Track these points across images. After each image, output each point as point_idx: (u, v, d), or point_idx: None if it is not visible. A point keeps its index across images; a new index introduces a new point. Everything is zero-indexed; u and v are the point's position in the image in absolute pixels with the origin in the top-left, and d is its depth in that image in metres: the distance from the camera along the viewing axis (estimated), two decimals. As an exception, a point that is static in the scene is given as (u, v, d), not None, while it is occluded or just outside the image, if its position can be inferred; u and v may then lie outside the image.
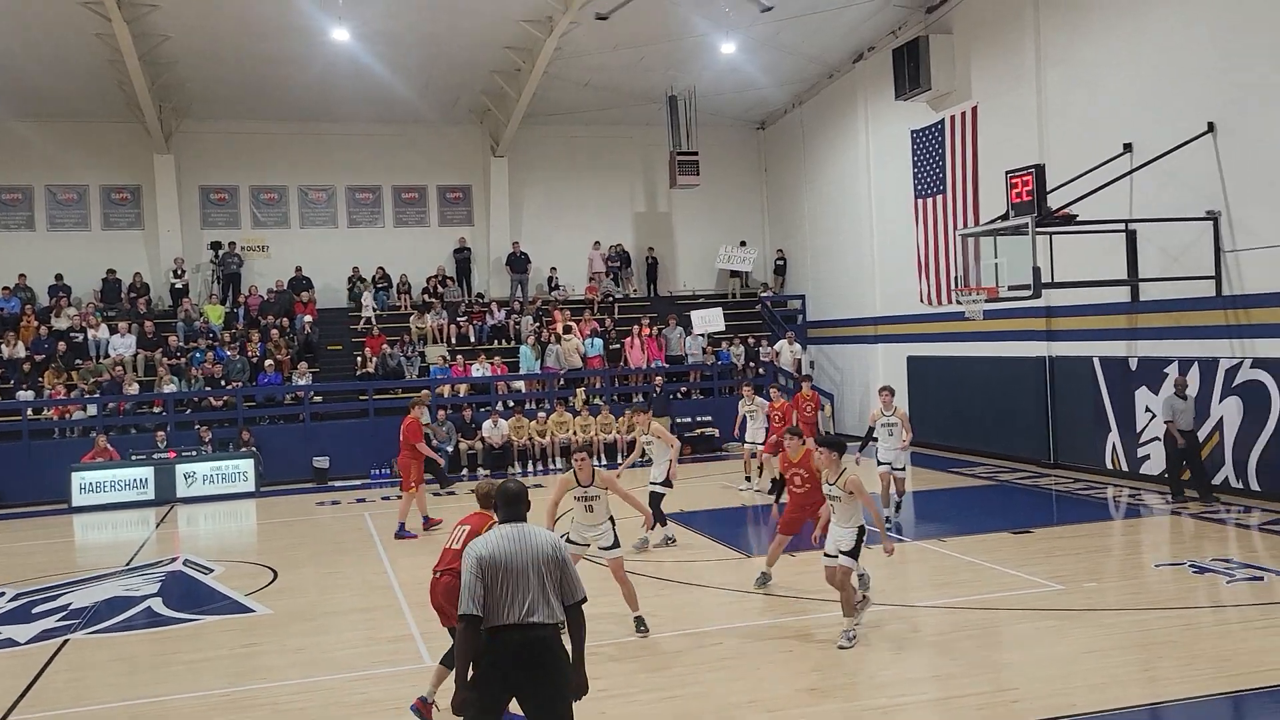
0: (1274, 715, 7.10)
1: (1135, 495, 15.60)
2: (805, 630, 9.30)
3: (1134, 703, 7.25)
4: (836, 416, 25.59)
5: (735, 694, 7.73)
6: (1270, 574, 10.56)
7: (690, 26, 21.55)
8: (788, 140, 28.15)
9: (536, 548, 5.28)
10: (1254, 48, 14.32)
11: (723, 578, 11.53)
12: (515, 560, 5.20)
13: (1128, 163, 16.03)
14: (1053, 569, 11.13)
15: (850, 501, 8.91)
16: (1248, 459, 14.62)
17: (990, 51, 19.80)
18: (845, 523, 8.99)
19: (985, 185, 19.92)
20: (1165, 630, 8.83)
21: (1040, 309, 18.17)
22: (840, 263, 25.81)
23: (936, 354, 21.78)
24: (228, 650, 9.53)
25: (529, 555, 5.23)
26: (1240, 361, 14.70)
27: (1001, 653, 8.64)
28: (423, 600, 10.97)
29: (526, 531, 5.36)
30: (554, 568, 5.28)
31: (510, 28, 21.48)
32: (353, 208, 27.13)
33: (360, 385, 22.92)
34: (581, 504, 9.81)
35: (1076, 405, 17.78)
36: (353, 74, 23.00)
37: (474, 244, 27.37)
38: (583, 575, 10.10)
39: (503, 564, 5.18)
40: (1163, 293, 15.94)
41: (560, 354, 24.01)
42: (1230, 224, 14.83)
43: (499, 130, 26.30)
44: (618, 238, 28.42)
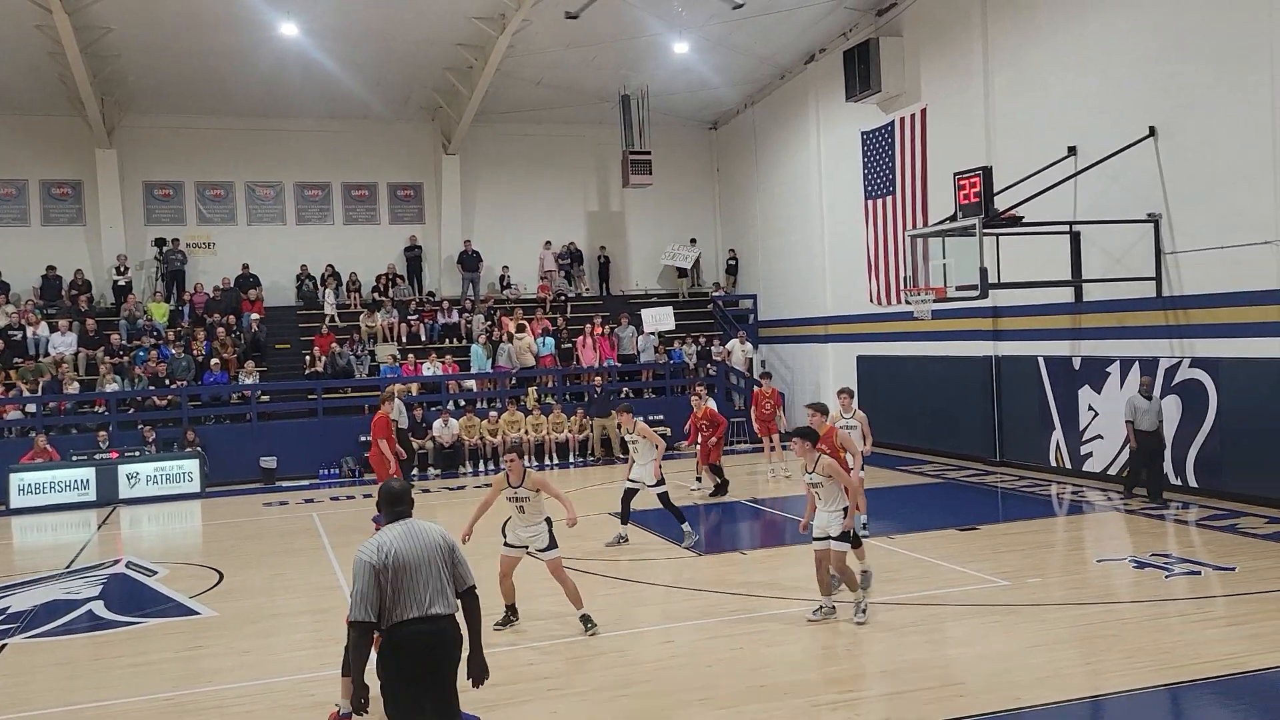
0: (1211, 706, 7.28)
1: (1078, 492, 15.90)
2: (755, 627, 9.35)
3: (1077, 695, 7.39)
4: (788, 415, 25.77)
5: (686, 691, 7.75)
6: (1207, 568, 10.82)
7: (643, 26, 21.58)
8: (740, 140, 28.30)
9: (429, 541, 5.45)
10: (1193, 55, 14.66)
11: (673, 575, 11.56)
12: (412, 556, 5.35)
13: (1072, 165, 16.33)
14: (998, 565, 11.31)
15: (831, 484, 9.24)
16: (1186, 456, 14.97)
17: (939, 54, 20.07)
18: (830, 506, 9.28)
19: (934, 186, 20.18)
20: (1106, 624, 9.00)
21: (987, 309, 18.45)
22: (791, 262, 26.00)
23: (886, 353, 22.03)
24: (172, 653, 9.37)
25: (423, 549, 5.40)
26: (1179, 361, 15.05)
27: (948, 648, 8.76)
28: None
29: (416, 527, 5.50)
30: (446, 557, 5.48)
31: (462, 25, 21.35)
32: (301, 205, 26.79)
33: (309, 384, 22.63)
34: (514, 505, 9.78)
35: (1022, 404, 18.08)
36: (302, 69, 22.71)
37: (425, 242, 27.16)
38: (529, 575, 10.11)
39: (402, 561, 5.31)
40: (1105, 293, 16.27)
41: (512, 353, 23.92)
42: (1170, 226, 15.18)
43: (451, 128, 26.12)
44: (570, 237, 28.38)
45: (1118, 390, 16.06)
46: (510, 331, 24.44)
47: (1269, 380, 13.56)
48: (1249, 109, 13.82)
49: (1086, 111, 16.49)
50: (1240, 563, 10.92)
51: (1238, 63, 13.97)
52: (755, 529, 15.06)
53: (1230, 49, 14.08)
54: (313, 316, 25.21)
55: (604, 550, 13.00)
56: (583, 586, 11.24)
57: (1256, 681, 7.51)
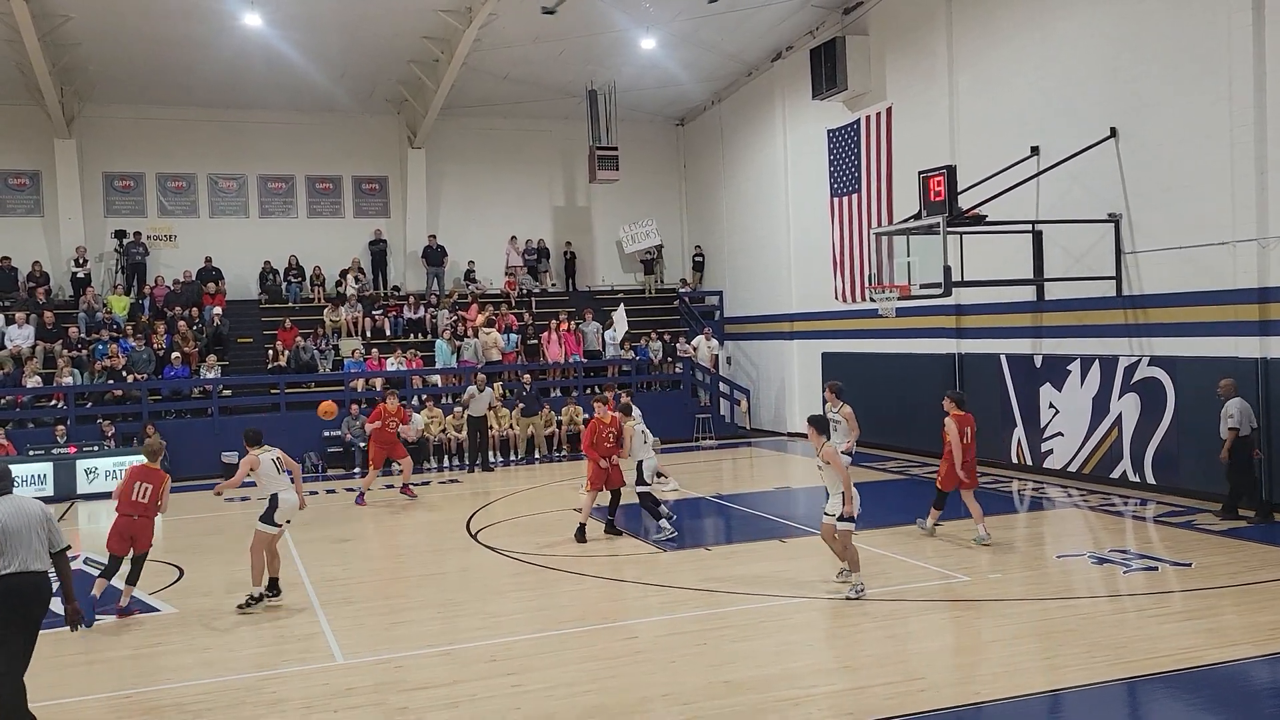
0: (1166, 700, 7.40)
1: (1039, 489, 16.09)
2: (720, 623, 9.38)
3: (1036, 690, 7.48)
4: (753, 412, 25.90)
5: (650, 687, 7.76)
6: (1164, 564, 10.99)
7: (611, 21, 21.54)
8: (707, 137, 28.34)
9: (30, 513, 6.95)
10: (1154, 58, 14.86)
11: (637, 572, 11.57)
12: (15, 523, 6.83)
13: (1035, 165, 16.50)
14: (960, 561, 11.42)
15: (830, 470, 10.11)
16: (1144, 453, 15.19)
17: (905, 54, 20.20)
18: (833, 489, 10.22)
19: (899, 185, 20.32)
20: (1065, 619, 9.12)
21: (950, 307, 18.61)
22: (757, 259, 26.09)
23: (851, 350, 22.16)
24: (131, 650, 9.24)
25: (25, 519, 6.89)
26: (1138, 360, 15.26)
27: (910, 643, 8.84)
28: (335, 598, 10.81)
29: (20, 502, 7.02)
30: (43, 527, 6.97)
31: (428, 17, 21.20)
32: (265, 197, 26.49)
33: (272, 379, 22.40)
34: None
35: (984, 401, 18.23)
36: (266, 60, 22.45)
37: (390, 236, 26.95)
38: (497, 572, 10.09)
39: (8, 528, 6.79)
40: (1066, 292, 16.46)
41: (477, 348, 23.81)
42: (1130, 226, 15.38)
43: (417, 121, 25.93)
44: (536, 232, 28.29)
45: (1078, 388, 16.27)
46: (477, 326, 24.33)
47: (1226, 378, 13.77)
48: (1207, 111, 14.04)
49: (1049, 112, 16.67)
50: (1196, 558, 11.10)
51: (1196, 66, 14.18)
52: (721, 525, 15.11)
53: (1189, 52, 14.29)
54: (276, 310, 24.95)
55: (573, 546, 12.97)
56: (549, 582, 11.27)
57: (1211, 675, 7.65)
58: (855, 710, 7.18)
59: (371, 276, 26.56)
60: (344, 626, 9.77)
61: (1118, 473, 15.61)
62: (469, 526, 14.68)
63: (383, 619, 10.03)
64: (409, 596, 10.92)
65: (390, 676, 8.23)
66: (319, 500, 17.96)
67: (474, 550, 13.14)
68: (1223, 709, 7.13)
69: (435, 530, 14.78)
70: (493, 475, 20.37)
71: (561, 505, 15.76)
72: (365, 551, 13.89)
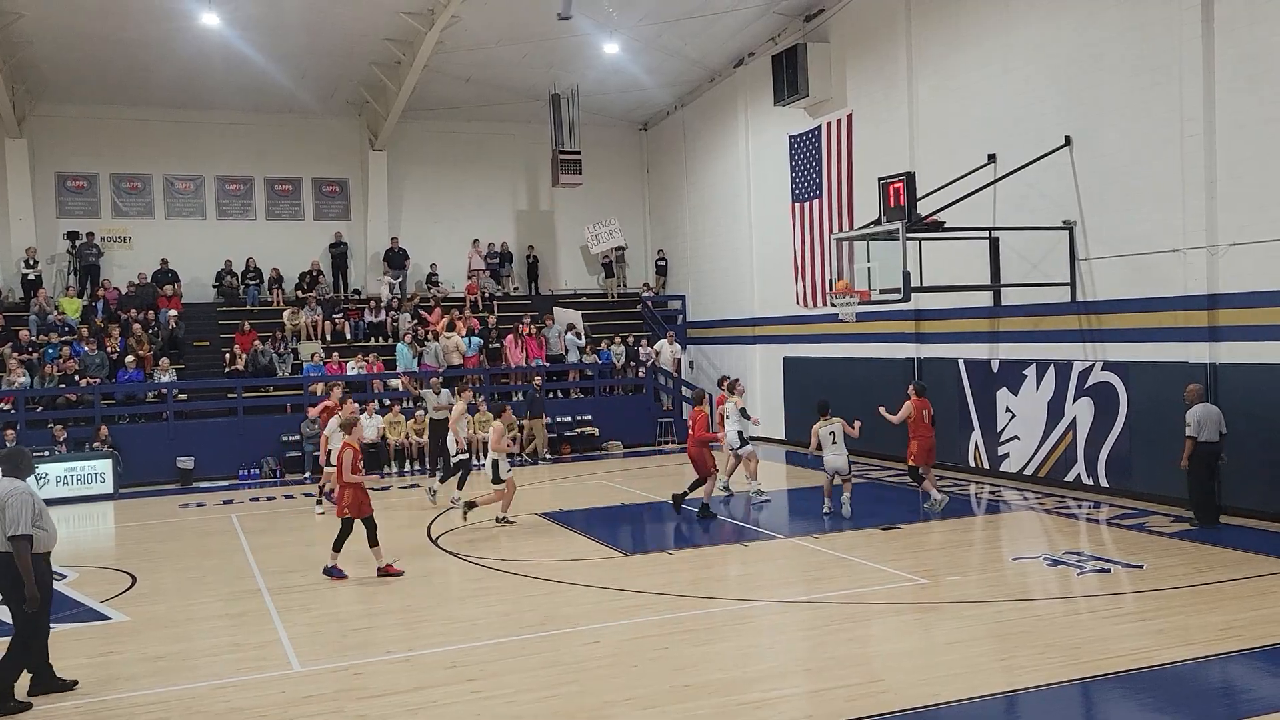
0: (1118, 700, 7.51)
1: (995, 492, 16.29)
2: (681, 627, 9.40)
3: (993, 691, 7.57)
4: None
5: (611, 691, 7.76)
6: (1117, 566, 11.18)
7: (574, 25, 21.51)
8: (670, 141, 28.42)
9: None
10: (1108, 68, 15.12)
11: (600, 576, 11.56)
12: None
13: (992, 172, 16.71)
14: (918, 563, 11.54)
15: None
16: (1098, 457, 15.44)
17: (865, 61, 20.39)
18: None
19: (859, 191, 20.49)
20: (1021, 621, 9.25)
21: (910, 312, 18.79)
22: (720, 264, 26.19)
23: (812, 355, 22.31)
24: (81, 659, 9.07)
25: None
26: (1092, 365, 15.51)
27: (870, 645, 8.91)
28: (292, 605, 10.69)
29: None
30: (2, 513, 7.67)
31: (390, 19, 21.06)
32: (222, 199, 26.17)
33: (229, 383, 22.13)
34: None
35: (942, 405, 18.42)
36: (224, 60, 22.19)
37: (351, 239, 26.74)
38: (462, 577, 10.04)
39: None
40: (1022, 298, 16.68)
41: (439, 352, 23.68)
42: (1084, 233, 15.63)
43: (378, 123, 25.75)
44: (499, 236, 28.19)
45: (1034, 392, 16.50)
46: (439, 330, 24.20)
47: (1176, 384, 14.03)
48: (1159, 122, 14.30)
49: (1006, 120, 16.90)
50: (1148, 560, 11.30)
51: (1149, 77, 14.45)
52: (682, 529, 15.13)
53: (1142, 64, 14.56)
54: (234, 313, 24.66)
55: (536, 552, 12.94)
56: (511, 588, 11.24)
57: (1161, 675, 7.78)
58: (816, 713, 7.23)
59: (332, 279, 26.34)
60: (301, 634, 9.67)
61: (1072, 476, 15.85)
62: (429, 532, 14.59)
63: (341, 625, 9.94)
64: (368, 603, 10.83)
65: (349, 684, 8.16)
66: (277, 505, 17.77)
67: (435, 556, 13.06)
68: (1174, 709, 7.25)
69: (395, 536, 14.65)
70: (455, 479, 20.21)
71: (524, 510, 15.71)
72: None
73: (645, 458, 22.22)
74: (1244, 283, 13.34)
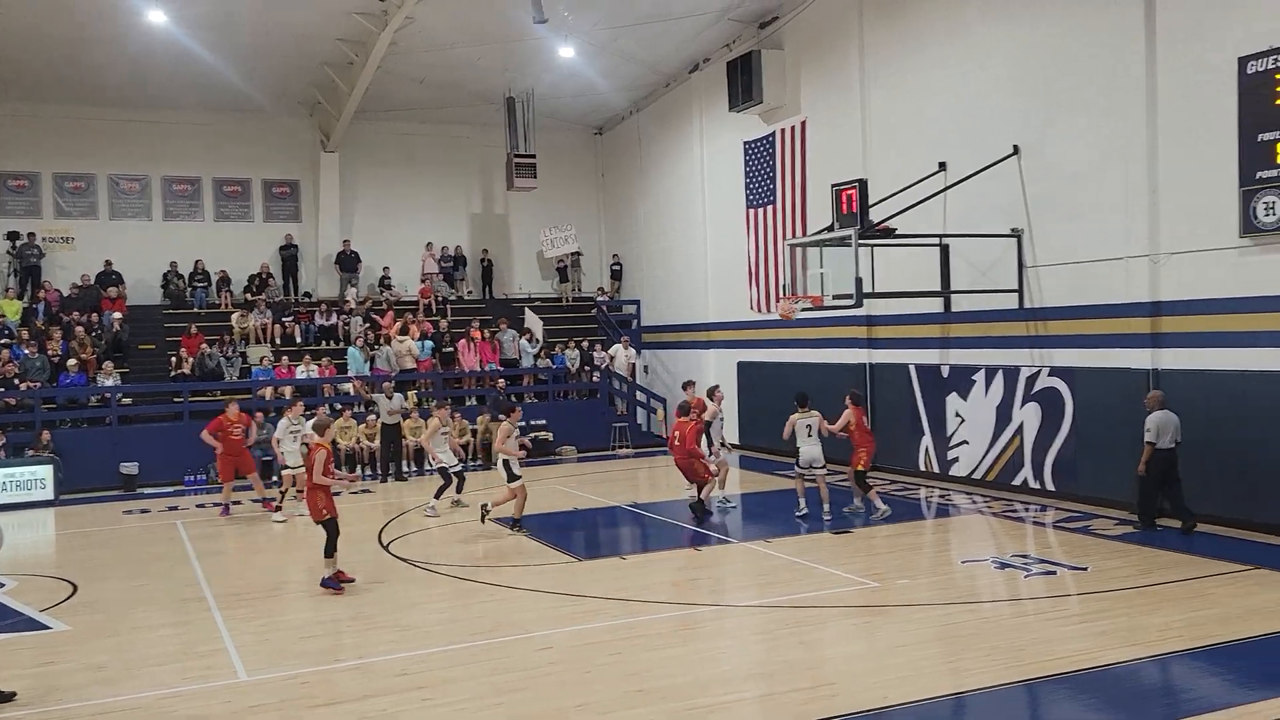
0: (1062, 701, 7.64)
1: (945, 496, 16.50)
2: (634, 632, 9.39)
3: (940, 693, 7.66)
4: (669, 420, 25.99)
5: (564, 697, 7.73)
6: (1062, 568, 11.37)
7: (529, 28, 21.45)
8: (625, 146, 28.45)
9: None
10: (1054, 80, 15.40)
11: (552, 581, 11.52)
12: None
13: (942, 180, 16.94)
14: (869, 567, 11.65)
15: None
16: (1044, 461, 15.69)
17: (819, 69, 20.57)
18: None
19: (813, 197, 20.65)
20: (968, 623, 9.37)
21: (862, 317, 18.98)
22: (675, 268, 26.26)
23: (765, 360, 22.44)
24: (20, 670, 8.85)
25: None
26: (1039, 370, 15.77)
27: (821, 649, 8.97)
28: (239, 613, 10.53)
29: None
30: None
31: (342, 19, 20.85)
32: (169, 199, 25.74)
33: (174, 387, 21.74)
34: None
35: (894, 410, 18.67)
36: (172, 59, 21.83)
37: (301, 241, 26.43)
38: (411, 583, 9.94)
39: None
40: (972, 304, 16.92)
41: (391, 356, 23.47)
42: (1031, 241, 15.90)
43: (330, 124, 25.49)
44: (453, 239, 28.04)
45: (982, 397, 16.74)
46: (391, 334, 23.98)
47: (1119, 389, 14.33)
48: (1103, 133, 14.59)
49: (956, 129, 17.13)
50: (1092, 562, 11.50)
51: (1094, 88, 14.74)
52: (636, 534, 15.14)
53: (1087, 76, 14.84)
54: (180, 316, 24.25)
55: (487, 557, 12.86)
56: (462, 594, 11.16)
57: (1104, 676, 7.92)
58: (768, 717, 7.27)
59: (282, 282, 26.01)
60: (248, 642, 9.52)
61: (1019, 479, 16.10)
62: (380, 538, 14.45)
63: (290, 634, 9.80)
64: (317, 610, 10.70)
65: (296, 693, 8.05)
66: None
67: (386, 562, 12.93)
68: (1116, 709, 7.39)
69: (346, 542, 14.46)
70: (406, 485, 20.08)
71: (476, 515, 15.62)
72: (272, 564, 13.57)
73: (599, 463, 22.20)
74: (1184, 291, 13.66)
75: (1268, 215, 12.38)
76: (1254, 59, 12.43)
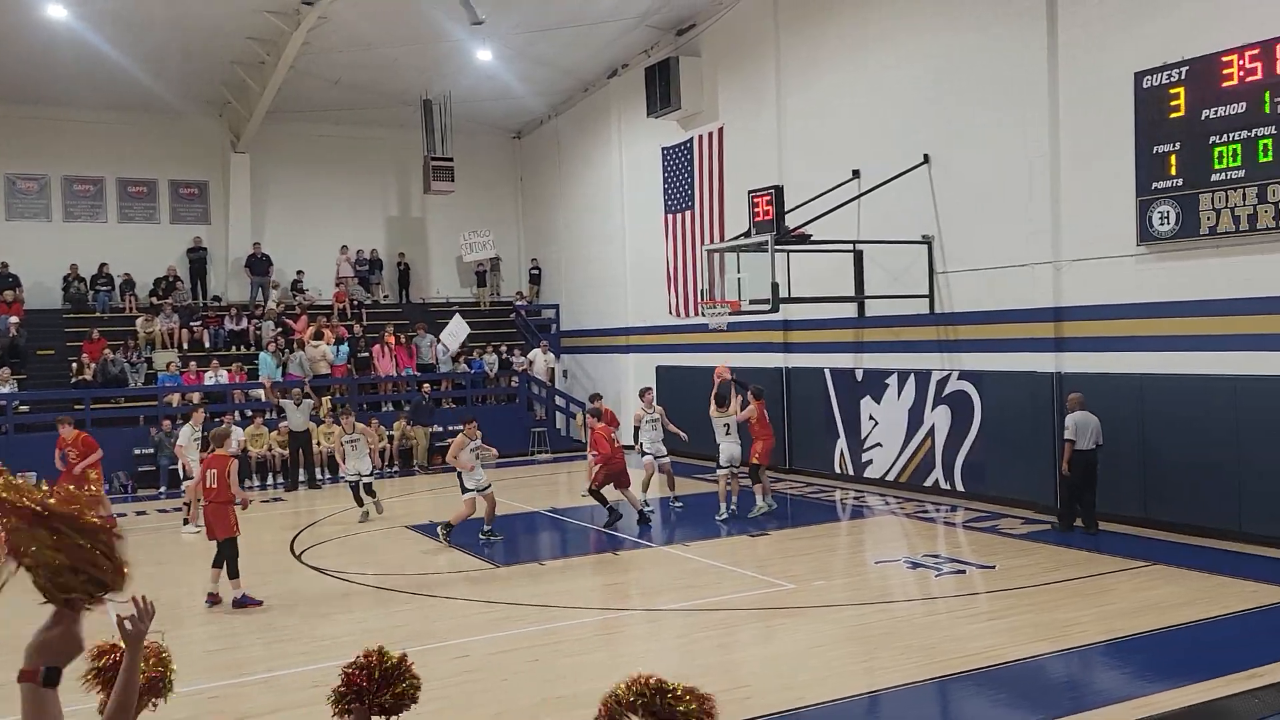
0: (972, 696, 7.84)
1: (859, 498, 16.80)
2: (553, 638, 9.36)
3: (855, 692, 7.80)
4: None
5: (481, 707, 7.67)
6: (971, 567, 11.66)
7: (445, 31, 21.27)
8: (544, 150, 28.36)
9: None
10: (962, 89, 15.82)
11: (470, 589, 11.42)
12: None
13: (856, 188, 17.25)
14: (785, 569, 11.80)
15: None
16: (954, 462, 16.08)
17: (736, 76, 20.79)
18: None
19: (730, 203, 20.84)
20: (882, 623, 9.55)
21: (778, 322, 19.21)
22: (594, 273, 26.26)
23: (684, 364, 22.56)
24: (-94, 693, 8.44)
25: None
26: (949, 373, 16.16)
27: (737, 651, 9.06)
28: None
29: None
30: None
31: (253, 17, 20.35)
32: (70, 200, 24.83)
33: (76, 394, 20.98)
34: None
35: (810, 413, 18.93)
36: (73, 55, 21.04)
37: (211, 244, 25.74)
38: (326, 594, 9.71)
39: None
40: (885, 309, 17.26)
41: (304, 361, 23.00)
42: (941, 247, 16.30)
43: (240, 124, 24.88)
44: (369, 242, 27.60)
45: (895, 400, 17.08)
46: (306, 339, 23.49)
47: (1024, 392, 14.76)
48: (1009, 144, 15.02)
49: (869, 137, 17.47)
50: (999, 561, 11.82)
51: (999, 101, 15.17)
52: (555, 539, 15.09)
53: (993, 88, 15.27)
54: (82, 320, 23.41)
55: (403, 566, 12.68)
56: (378, 603, 10.98)
57: (1013, 671, 8.15)
58: (684, 720, 7.28)
59: (190, 285, 25.30)
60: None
61: (931, 481, 16.47)
62: (293, 547, 14.15)
63: (198, 647, 9.53)
64: (227, 623, 10.43)
65: (204, 708, 7.83)
66: (128, 523, 16.93)
67: (299, 572, 12.67)
68: (1023, 703, 7.61)
69: (259, 551, 14.14)
70: (319, 493, 19.70)
71: (394, 523, 15.39)
72: (180, 576, 13.16)
73: (518, 468, 22.07)
74: (1085, 296, 14.14)
75: (1163, 224, 12.89)
76: (1149, 74, 12.93)
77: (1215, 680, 7.65)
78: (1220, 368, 12.52)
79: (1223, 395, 12.40)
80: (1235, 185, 12.04)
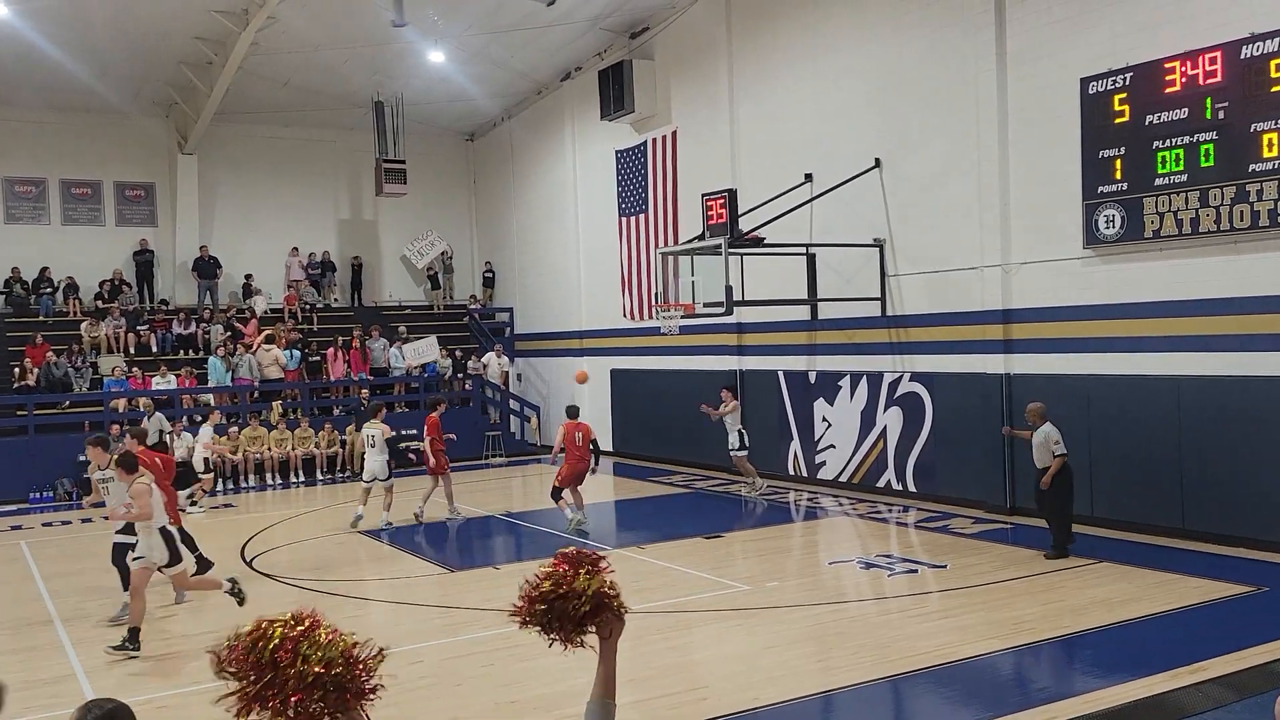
0: (925, 694, 7.92)
1: (813, 499, 16.92)
2: (507, 643, 9.30)
3: (810, 692, 7.84)
4: (543, 429, 25.92)
5: (436, 713, 7.61)
6: (923, 567, 11.79)
7: (398, 32, 21.09)
8: (497, 152, 28.24)
9: None
10: (912, 97, 16.01)
11: (424, 594, 11.32)
12: None
13: (809, 191, 17.38)
14: (740, 570, 11.85)
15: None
16: (906, 463, 16.26)
17: (689, 80, 20.86)
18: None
19: (684, 206, 20.91)
20: (836, 623, 9.63)
21: (732, 325, 19.30)
22: (548, 276, 26.19)
23: (638, 367, 22.59)
24: None
25: None
26: (901, 375, 16.34)
27: (692, 652, 9.07)
28: (89, 636, 9.99)
29: None
30: None
31: (200, 17, 20.05)
32: (11, 201, 24.26)
33: (19, 399, 20.51)
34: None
35: (764, 415, 19.03)
36: (14, 53, 20.58)
37: (157, 246, 25.30)
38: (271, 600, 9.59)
39: None
40: (837, 312, 17.41)
41: (254, 365, 22.67)
42: (893, 251, 16.48)
43: (188, 126, 24.48)
44: (320, 245, 27.29)
45: (848, 402, 17.23)
46: (257, 343, 23.15)
47: (975, 393, 14.97)
48: (958, 149, 15.24)
49: (821, 141, 17.62)
50: (951, 560, 11.97)
51: (949, 106, 15.38)
52: (510, 543, 15.02)
53: (943, 94, 15.48)
54: (24, 325, 22.87)
55: (356, 571, 12.54)
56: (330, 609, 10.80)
57: (965, 669, 8.25)
58: (640, 723, 7.29)
59: (136, 289, 24.84)
60: (98, 666, 9.05)
61: (883, 481, 16.64)
62: (244, 553, 13.94)
63: (143, 657, 9.35)
64: (175, 631, 10.24)
65: (152, 718, 7.68)
66: (73, 530, 16.59)
67: (250, 578, 12.46)
68: (974, 700, 7.70)
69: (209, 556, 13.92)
70: (269, 498, 19.43)
71: (344, 528, 15.22)
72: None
73: (472, 471, 21.93)
74: (1033, 299, 14.37)
75: (1108, 228, 13.14)
76: (1095, 80, 13.18)
77: (1161, 674, 7.81)
78: (1163, 368, 12.79)
79: (1165, 395, 12.67)
80: (1178, 189, 12.32)
